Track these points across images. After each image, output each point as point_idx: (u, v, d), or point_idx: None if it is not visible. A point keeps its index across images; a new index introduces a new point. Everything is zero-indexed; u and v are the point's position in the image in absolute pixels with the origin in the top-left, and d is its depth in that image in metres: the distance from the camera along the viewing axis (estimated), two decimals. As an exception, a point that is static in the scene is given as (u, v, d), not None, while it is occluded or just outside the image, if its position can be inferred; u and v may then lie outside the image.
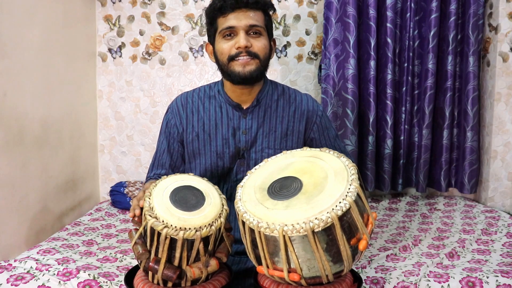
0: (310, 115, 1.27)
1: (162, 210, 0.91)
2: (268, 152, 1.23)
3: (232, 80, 1.18)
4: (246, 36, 1.14)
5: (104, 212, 2.03)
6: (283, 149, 1.23)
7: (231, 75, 1.17)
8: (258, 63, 1.16)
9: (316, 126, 1.28)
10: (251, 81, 1.18)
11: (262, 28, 1.16)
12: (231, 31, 1.14)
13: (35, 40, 1.73)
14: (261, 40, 1.16)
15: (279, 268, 0.88)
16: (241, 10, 1.13)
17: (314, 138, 1.29)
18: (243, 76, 1.15)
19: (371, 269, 1.35)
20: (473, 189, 2.12)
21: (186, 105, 1.27)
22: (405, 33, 2.10)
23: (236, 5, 1.13)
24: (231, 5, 1.12)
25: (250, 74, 1.15)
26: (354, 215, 0.84)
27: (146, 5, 2.24)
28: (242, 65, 1.14)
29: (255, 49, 1.15)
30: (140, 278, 1.00)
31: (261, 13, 1.17)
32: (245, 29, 1.14)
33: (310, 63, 2.25)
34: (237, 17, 1.13)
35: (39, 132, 1.75)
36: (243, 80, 1.16)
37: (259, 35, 1.16)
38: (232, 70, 1.16)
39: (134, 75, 2.27)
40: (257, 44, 1.15)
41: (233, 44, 1.14)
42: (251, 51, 1.14)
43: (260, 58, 1.16)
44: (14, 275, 1.24)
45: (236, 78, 1.16)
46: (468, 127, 2.06)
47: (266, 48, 1.17)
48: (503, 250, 1.50)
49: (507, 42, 2.02)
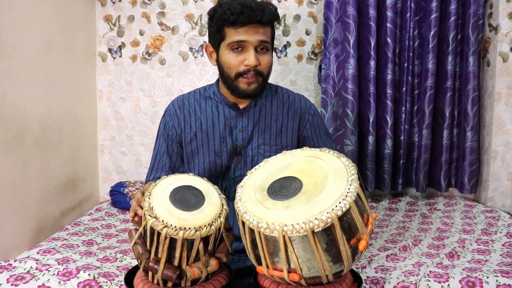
0: (302, 113, 1.31)
1: (162, 210, 0.91)
2: (264, 148, 1.26)
3: (235, 94, 1.22)
4: (255, 54, 1.16)
5: (104, 212, 2.03)
6: (278, 145, 1.27)
7: (235, 90, 1.20)
8: (261, 81, 1.20)
9: (308, 124, 1.31)
10: (253, 98, 1.24)
11: (269, 44, 1.20)
12: (240, 45, 1.16)
13: (35, 40, 1.73)
14: (267, 57, 1.20)
15: (279, 268, 0.88)
16: (252, 26, 1.14)
17: (307, 136, 1.32)
18: (247, 94, 1.20)
19: (371, 269, 1.35)
20: (473, 189, 2.12)
21: (183, 107, 1.29)
22: (405, 33, 2.10)
23: (249, 22, 1.13)
24: (243, 21, 1.13)
25: (253, 92, 1.20)
26: (354, 215, 0.84)
27: (146, 5, 2.24)
28: (248, 83, 1.18)
29: (262, 67, 1.18)
30: (140, 278, 1.00)
31: (269, 28, 1.20)
32: (256, 45, 1.16)
33: (310, 63, 2.25)
34: (248, 32, 1.14)
35: (39, 132, 1.75)
36: (245, 97, 1.23)
37: (266, 50, 1.19)
38: (237, 86, 1.19)
39: (134, 75, 2.27)
40: (264, 61, 1.18)
41: (242, 60, 1.16)
42: (258, 70, 1.18)
43: (264, 75, 1.20)
44: (14, 275, 1.24)
45: (240, 94, 1.21)
46: (468, 127, 2.06)
47: (271, 63, 1.22)
48: (503, 250, 1.50)
49: (507, 42, 2.02)
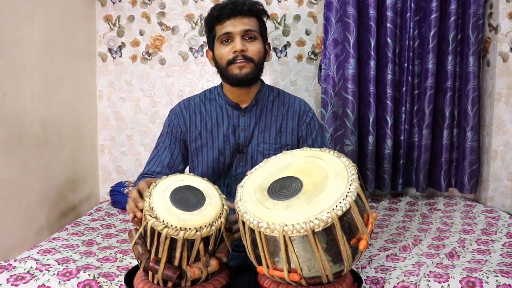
0: (301, 114, 1.37)
1: (162, 210, 0.91)
2: (263, 146, 1.33)
3: (230, 82, 1.28)
4: (242, 41, 1.24)
5: (104, 212, 2.03)
6: (277, 144, 1.33)
7: (229, 77, 1.27)
8: (253, 66, 1.26)
9: (305, 125, 1.37)
10: (247, 83, 1.28)
11: (256, 33, 1.26)
12: (228, 37, 1.24)
13: (35, 40, 1.73)
14: (256, 44, 1.26)
15: (279, 268, 0.88)
16: (236, 17, 1.23)
17: (301, 136, 1.37)
18: (240, 78, 1.25)
19: (371, 269, 1.35)
20: (473, 189, 2.12)
21: (189, 107, 1.36)
22: (405, 33, 2.10)
23: (232, 13, 1.23)
24: (227, 13, 1.23)
25: (246, 76, 1.25)
26: (354, 215, 0.84)
27: (146, 5, 2.24)
28: (239, 68, 1.24)
29: (250, 53, 1.25)
30: (140, 278, 1.00)
31: (255, 19, 1.27)
32: (241, 34, 1.24)
33: (310, 63, 2.25)
34: (233, 23, 1.24)
35: (39, 132, 1.75)
36: (240, 82, 1.27)
37: (254, 39, 1.26)
38: (230, 73, 1.26)
39: (134, 75, 2.27)
40: (252, 48, 1.25)
41: (230, 49, 1.24)
42: (246, 55, 1.24)
43: (255, 61, 1.26)
44: (14, 275, 1.24)
45: (234, 80, 1.26)
46: (468, 127, 2.06)
47: (261, 51, 1.27)
48: (503, 250, 1.50)
49: (507, 42, 2.02)
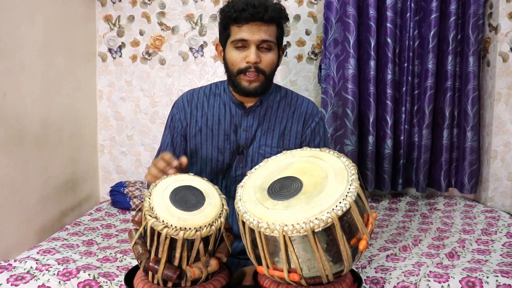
0: (307, 117, 1.30)
1: (162, 210, 0.90)
2: (265, 149, 1.26)
3: (237, 91, 1.23)
4: (257, 51, 1.16)
5: (104, 212, 2.03)
6: (279, 147, 1.27)
7: (237, 87, 1.21)
8: (263, 79, 1.20)
9: (309, 130, 1.30)
10: (255, 96, 1.24)
11: (273, 43, 1.19)
12: (243, 44, 1.17)
13: (35, 40, 1.73)
14: (270, 55, 1.19)
15: (279, 268, 0.88)
16: (255, 23, 1.15)
17: (304, 141, 1.31)
18: (248, 92, 1.21)
19: (371, 269, 1.35)
20: (473, 189, 2.12)
21: (192, 101, 1.31)
22: (405, 33, 2.10)
23: (252, 19, 1.15)
24: (246, 18, 1.14)
25: (254, 91, 1.20)
26: (354, 215, 0.84)
27: (146, 5, 2.23)
28: (249, 81, 1.19)
29: (263, 65, 1.18)
30: (140, 278, 1.00)
31: (274, 26, 1.19)
32: (257, 44, 1.16)
33: (310, 63, 2.25)
34: (250, 29, 1.15)
35: (39, 132, 1.75)
36: (247, 95, 1.22)
37: (270, 49, 1.19)
38: (239, 83, 1.20)
39: (134, 75, 2.27)
40: (266, 59, 1.18)
41: (243, 57, 1.17)
42: (259, 68, 1.18)
43: (266, 73, 1.20)
44: (14, 275, 1.24)
45: (241, 91, 1.22)
46: (468, 127, 2.06)
47: (274, 62, 1.21)
48: (503, 250, 1.51)
49: (507, 42, 2.02)
